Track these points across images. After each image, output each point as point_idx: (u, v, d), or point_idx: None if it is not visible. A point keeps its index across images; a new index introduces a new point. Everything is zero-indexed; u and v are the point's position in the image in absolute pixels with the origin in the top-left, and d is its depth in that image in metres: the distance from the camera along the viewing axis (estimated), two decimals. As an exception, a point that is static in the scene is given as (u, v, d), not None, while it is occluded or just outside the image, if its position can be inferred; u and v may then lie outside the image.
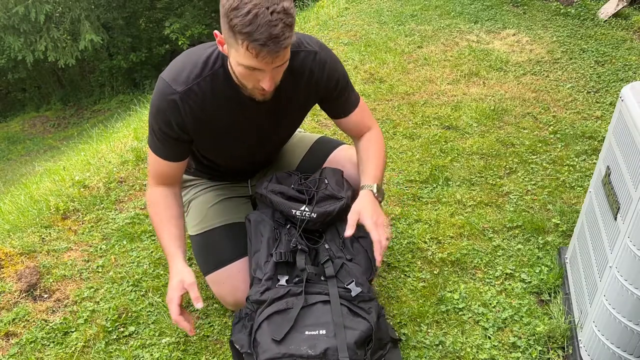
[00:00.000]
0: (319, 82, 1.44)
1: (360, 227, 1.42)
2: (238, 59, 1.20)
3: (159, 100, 1.34)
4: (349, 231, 1.37)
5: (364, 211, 1.38)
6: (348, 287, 1.39)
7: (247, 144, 1.52)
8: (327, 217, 1.47)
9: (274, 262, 1.41)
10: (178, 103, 1.32)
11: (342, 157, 1.72)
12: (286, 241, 1.46)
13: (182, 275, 1.33)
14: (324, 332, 1.28)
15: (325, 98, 1.50)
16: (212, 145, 1.50)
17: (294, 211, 1.47)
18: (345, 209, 1.46)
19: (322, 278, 1.41)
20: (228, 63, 1.29)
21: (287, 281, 1.40)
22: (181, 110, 1.33)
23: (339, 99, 1.51)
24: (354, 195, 1.52)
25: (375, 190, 1.45)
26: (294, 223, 1.49)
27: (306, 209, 1.46)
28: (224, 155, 1.58)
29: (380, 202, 1.46)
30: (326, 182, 1.52)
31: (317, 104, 1.54)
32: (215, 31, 1.24)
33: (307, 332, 1.29)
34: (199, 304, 1.29)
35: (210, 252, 1.59)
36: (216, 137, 1.45)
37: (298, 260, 1.43)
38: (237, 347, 1.36)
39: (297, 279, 1.40)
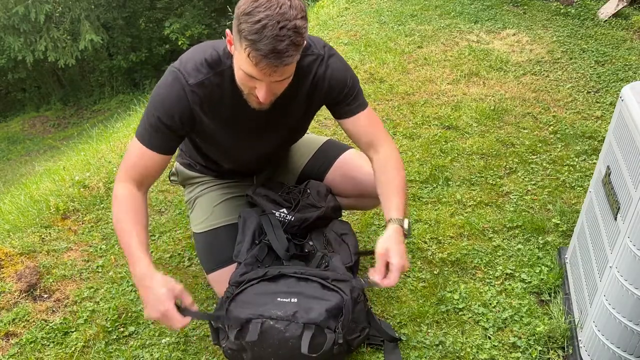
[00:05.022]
0: (323, 86, 1.43)
1: (346, 224, 1.60)
2: (239, 62, 1.21)
3: (167, 89, 1.33)
4: (378, 276, 1.32)
5: (392, 252, 1.32)
6: (324, 269, 1.47)
7: (248, 142, 1.51)
8: (304, 222, 1.57)
9: (256, 250, 1.49)
10: (187, 94, 1.32)
11: (349, 161, 1.71)
12: (269, 231, 1.55)
13: (167, 283, 1.26)
14: (295, 300, 1.36)
15: (329, 102, 1.49)
16: (212, 141, 1.49)
17: (274, 212, 1.57)
18: (323, 217, 1.58)
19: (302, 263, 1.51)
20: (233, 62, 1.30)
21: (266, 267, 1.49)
22: (190, 101, 1.33)
23: (343, 102, 1.48)
24: (336, 207, 1.62)
25: (405, 226, 1.36)
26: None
27: (286, 212, 1.57)
28: (225, 153, 1.57)
29: (407, 237, 1.37)
30: (308, 192, 1.60)
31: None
32: (227, 30, 1.25)
33: (278, 299, 1.36)
34: (194, 307, 1.29)
35: (214, 250, 1.59)
36: (216, 132, 1.44)
37: (277, 248, 1.49)
38: (212, 322, 1.42)
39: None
